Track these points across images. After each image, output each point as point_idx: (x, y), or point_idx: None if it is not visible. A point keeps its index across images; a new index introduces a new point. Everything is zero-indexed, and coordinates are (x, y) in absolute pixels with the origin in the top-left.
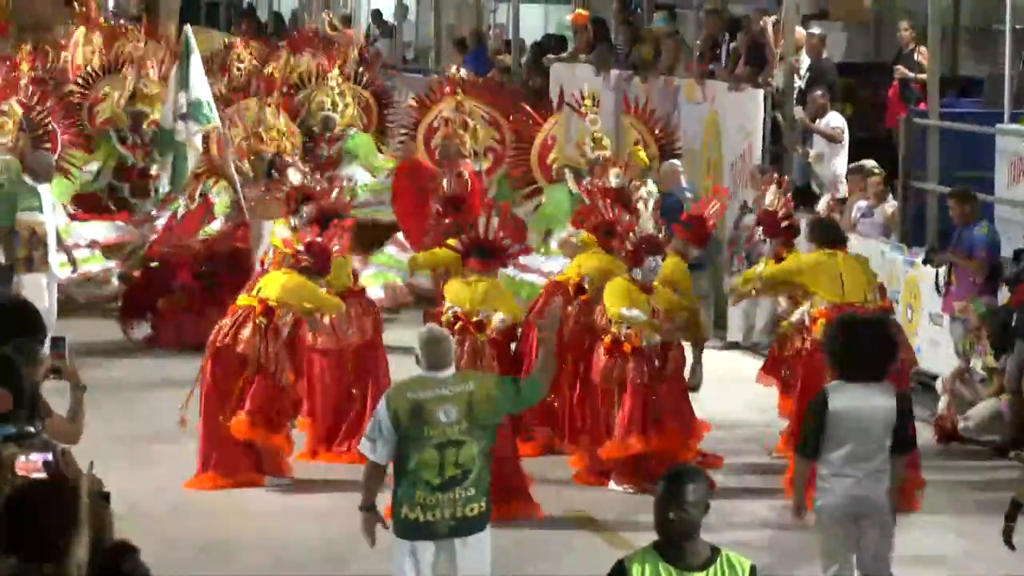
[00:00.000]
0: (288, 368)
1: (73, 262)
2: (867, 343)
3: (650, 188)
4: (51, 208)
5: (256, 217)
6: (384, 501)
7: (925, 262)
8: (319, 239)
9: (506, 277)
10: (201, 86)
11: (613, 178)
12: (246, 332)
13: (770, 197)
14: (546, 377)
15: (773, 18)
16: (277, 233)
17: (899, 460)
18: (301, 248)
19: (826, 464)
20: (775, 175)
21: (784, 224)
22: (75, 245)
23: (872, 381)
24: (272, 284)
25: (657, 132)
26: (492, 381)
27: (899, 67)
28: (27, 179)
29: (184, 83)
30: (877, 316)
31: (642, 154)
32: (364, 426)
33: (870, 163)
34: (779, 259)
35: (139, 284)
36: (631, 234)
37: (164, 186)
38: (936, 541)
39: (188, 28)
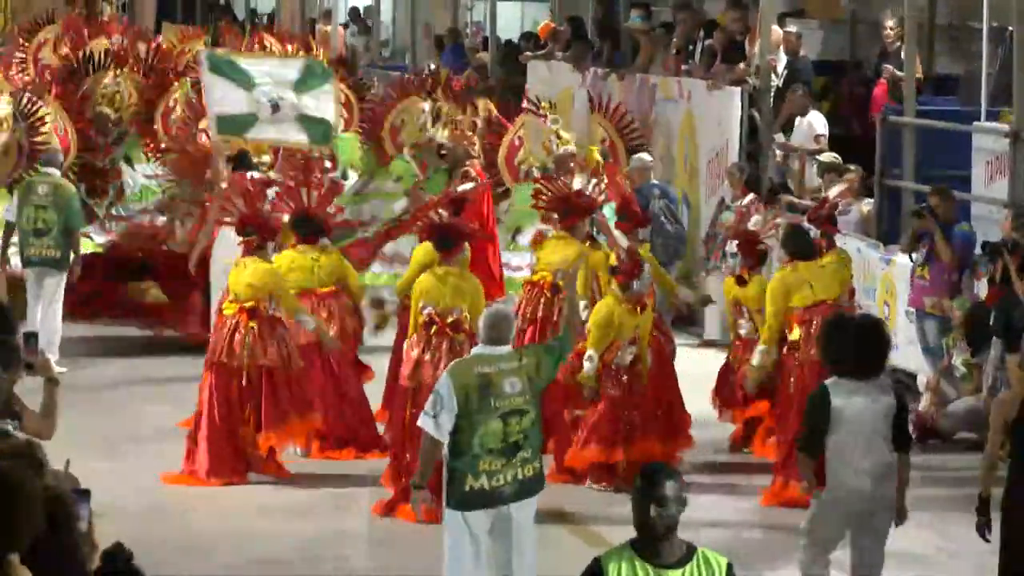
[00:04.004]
0: (295, 352)
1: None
2: (861, 341)
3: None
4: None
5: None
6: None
7: (914, 214)
8: (247, 211)
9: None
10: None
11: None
12: (237, 343)
13: (757, 218)
14: (573, 329)
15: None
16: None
17: (901, 457)
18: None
19: (835, 457)
20: (778, 196)
21: (758, 248)
22: None
23: (868, 378)
24: (238, 283)
25: (625, 130)
26: (540, 349)
27: (888, 66)
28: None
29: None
30: (869, 315)
31: (595, 153)
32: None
33: (832, 156)
34: (740, 279)
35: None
36: (618, 253)
37: (131, 186)
38: (915, 539)
39: (203, 52)
